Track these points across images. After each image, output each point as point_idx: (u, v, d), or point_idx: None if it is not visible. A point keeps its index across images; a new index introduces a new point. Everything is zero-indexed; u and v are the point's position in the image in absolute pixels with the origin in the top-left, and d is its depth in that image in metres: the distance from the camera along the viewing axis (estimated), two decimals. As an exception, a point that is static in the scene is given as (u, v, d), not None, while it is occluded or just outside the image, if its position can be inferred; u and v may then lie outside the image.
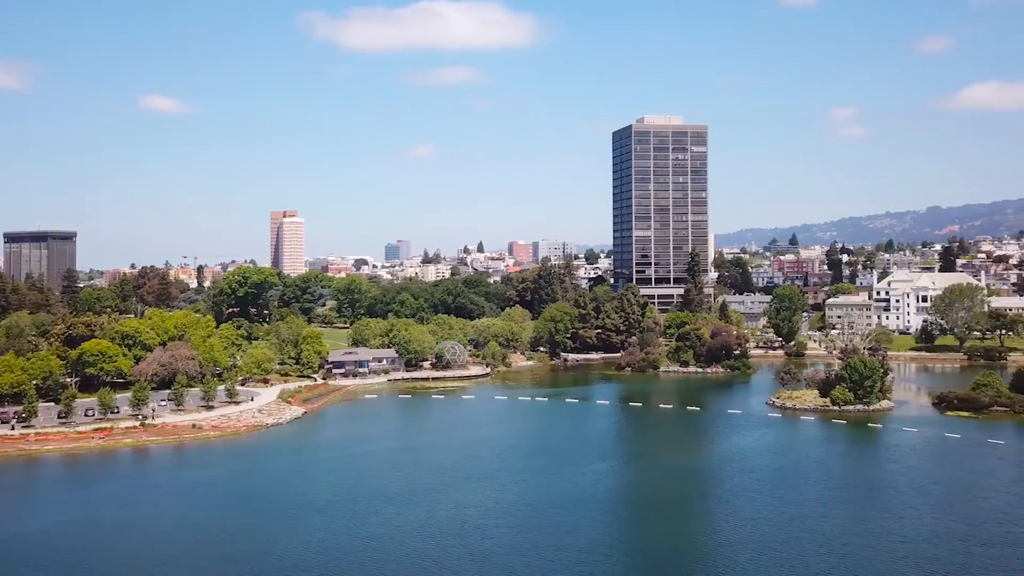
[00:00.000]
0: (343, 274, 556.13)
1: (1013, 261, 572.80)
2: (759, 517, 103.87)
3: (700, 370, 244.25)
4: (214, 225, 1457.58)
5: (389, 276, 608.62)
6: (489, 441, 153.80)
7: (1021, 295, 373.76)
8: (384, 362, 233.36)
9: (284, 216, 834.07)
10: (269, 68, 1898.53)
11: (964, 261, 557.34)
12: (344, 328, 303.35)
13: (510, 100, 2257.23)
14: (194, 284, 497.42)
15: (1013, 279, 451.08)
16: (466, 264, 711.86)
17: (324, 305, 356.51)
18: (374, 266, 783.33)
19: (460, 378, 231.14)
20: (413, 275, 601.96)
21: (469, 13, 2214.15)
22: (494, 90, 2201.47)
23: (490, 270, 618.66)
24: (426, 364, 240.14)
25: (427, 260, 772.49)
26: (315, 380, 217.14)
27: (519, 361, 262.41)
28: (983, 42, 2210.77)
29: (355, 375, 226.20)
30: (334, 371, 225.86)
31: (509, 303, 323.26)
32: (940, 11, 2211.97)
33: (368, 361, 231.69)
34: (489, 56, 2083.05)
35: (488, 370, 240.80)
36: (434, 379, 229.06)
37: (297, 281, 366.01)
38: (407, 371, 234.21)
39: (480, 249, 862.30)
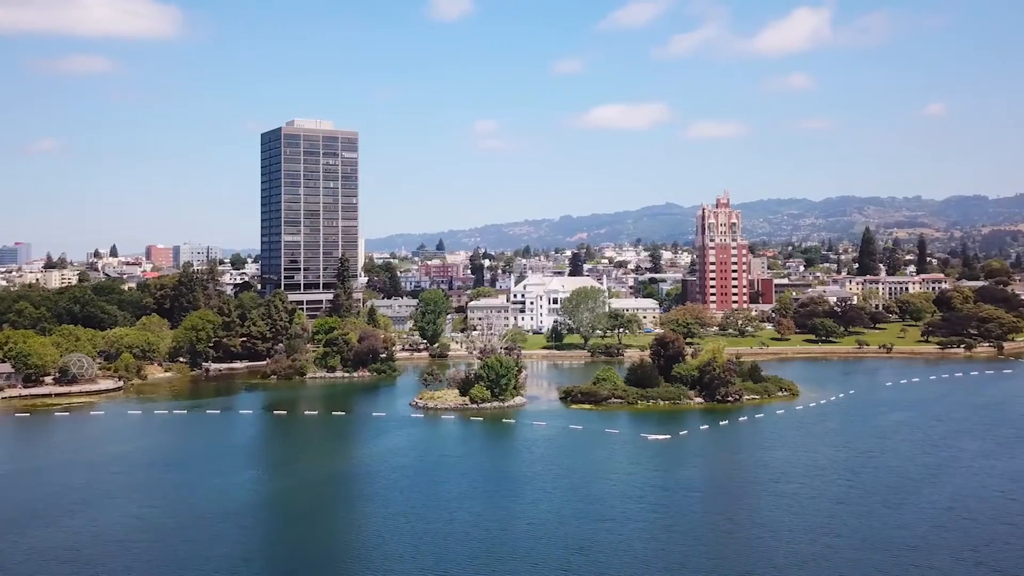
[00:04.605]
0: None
1: (631, 266, 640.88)
2: (406, 513, 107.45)
3: (347, 375, 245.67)
4: None
5: (5, 282, 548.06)
6: (124, 458, 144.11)
7: (636, 297, 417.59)
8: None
9: None
10: None
11: (590, 266, 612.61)
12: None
13: (151, 94, 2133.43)
14: None
15: (631, 282, 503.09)
16: (97, 270, 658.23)
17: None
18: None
19: (88, 393, 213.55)
20: (34, 281, 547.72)
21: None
22: (133, 83, 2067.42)
23: (125, 276, 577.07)
24: (48, 379, 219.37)
25: (51, 265, 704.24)
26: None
27: (156, 373, 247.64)
28: (609, 66, 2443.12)
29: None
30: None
31: (146, 311, 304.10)
32: (572, 35, 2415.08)
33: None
34: (128, 47, 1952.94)
35: (120, 383, 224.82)
36: (58, 395, 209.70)
37: None
38: (25, 387, 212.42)
39: (113, 253, 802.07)
